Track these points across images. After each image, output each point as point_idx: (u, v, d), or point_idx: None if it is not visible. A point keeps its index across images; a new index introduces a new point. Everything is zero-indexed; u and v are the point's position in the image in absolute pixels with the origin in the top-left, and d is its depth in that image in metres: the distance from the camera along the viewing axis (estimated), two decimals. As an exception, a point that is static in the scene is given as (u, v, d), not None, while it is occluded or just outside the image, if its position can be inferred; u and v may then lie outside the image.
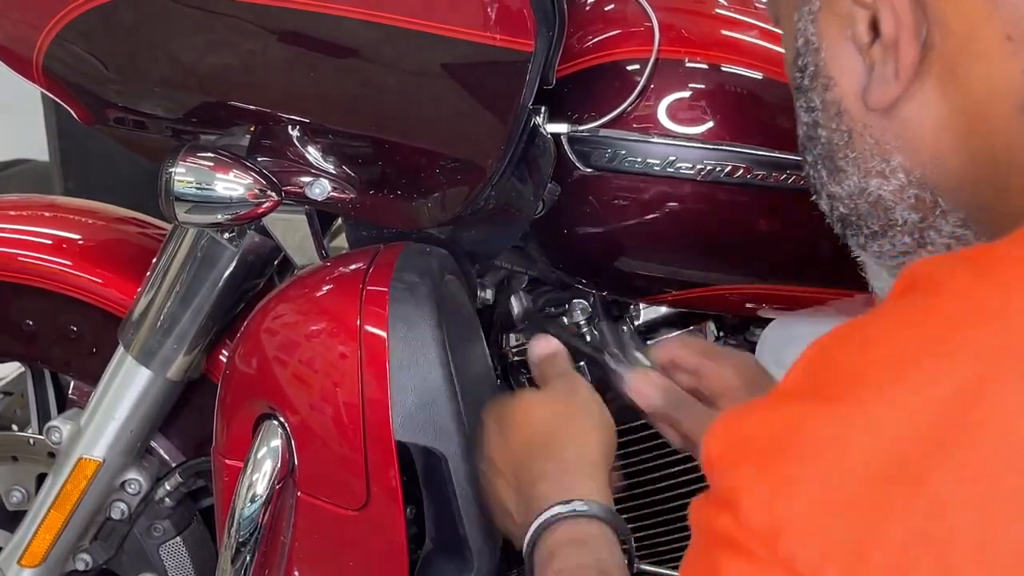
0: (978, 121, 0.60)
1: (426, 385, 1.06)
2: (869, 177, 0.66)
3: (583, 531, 0.88)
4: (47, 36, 1.12)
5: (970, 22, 0.58)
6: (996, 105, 0.59)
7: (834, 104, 0.67)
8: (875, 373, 0.51)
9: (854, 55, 0.64)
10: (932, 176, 0.64)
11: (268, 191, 1.08)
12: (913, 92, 0.62)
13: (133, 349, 1.26)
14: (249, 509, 1.11)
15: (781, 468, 0.50)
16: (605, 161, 1.10)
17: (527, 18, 1.01)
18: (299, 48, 1.07)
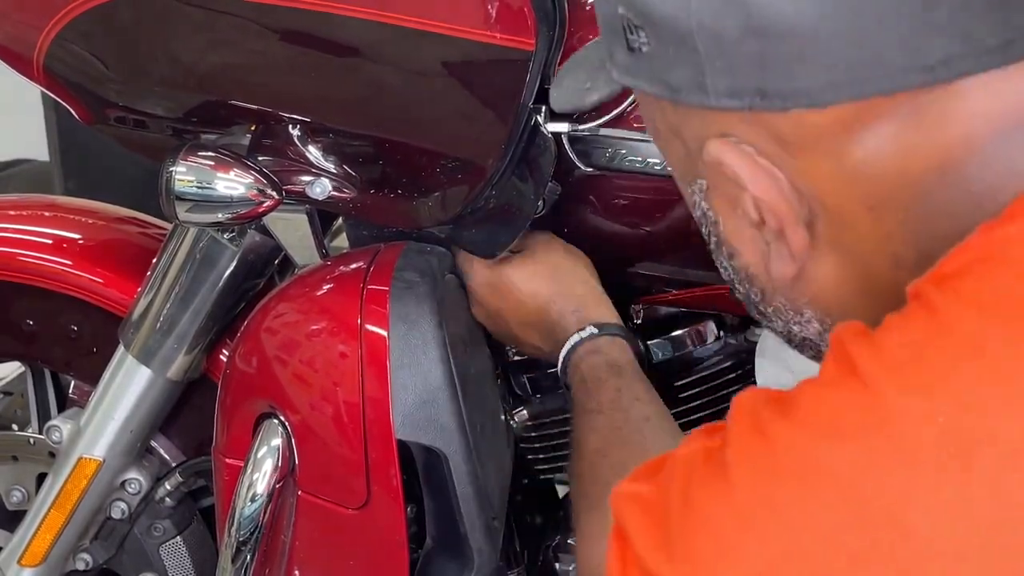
0: (868, 279, 0.65)
1: (426, 384, 1.06)
2: (790, 324, 0.71)
3: (598, 344, 1.09)
4: (48, 35, 1.12)
5: (839, 198, 0.63)
6: (878, 263, 0.64)
7: (742, 270, 0.70)
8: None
9: (751, 230, 0.67)
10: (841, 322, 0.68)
11: (269, 190, 1.08)
12: (810, 262, 0.66)
13: (133, 349, 1.26)
14: (249, 508, 1.11)
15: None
16: (605, 160, 1.10)
17: (528, 17, 1.01)
18: (299, 47, 1.07)
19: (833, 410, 0.57)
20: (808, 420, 0.57)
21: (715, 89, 0.62)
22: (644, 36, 0.64)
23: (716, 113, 0.63)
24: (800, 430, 0.57)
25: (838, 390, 0.57)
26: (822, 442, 0.56)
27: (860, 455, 0.55)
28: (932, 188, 0.61)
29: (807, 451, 0.56)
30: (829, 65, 0.59)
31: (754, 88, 0.61)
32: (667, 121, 0.68)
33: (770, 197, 0.64)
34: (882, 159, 0.61)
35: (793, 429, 0.58)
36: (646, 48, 0.64)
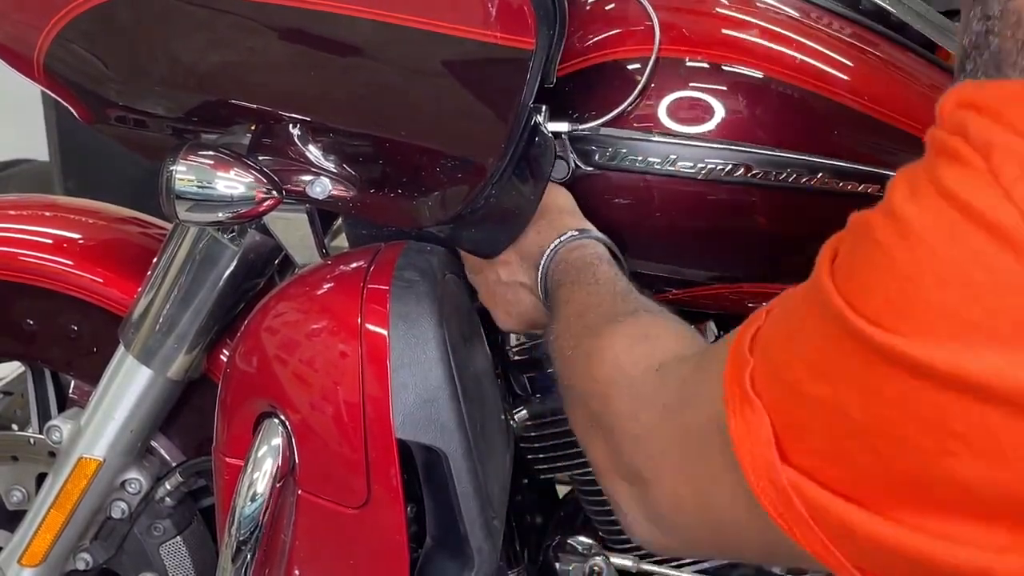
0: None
1: (427, 383, 1.06)
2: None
3: (582, 243, 1.07)
4: (48, 35, 1.12)
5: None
6: None
7: (1015, 13, 0.69)
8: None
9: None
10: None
11: (269, 190, 1.08)
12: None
13: (134, 348, 1.26)
14: (250, 508, 1.11)
15: (1003, 112, 0.59)
16: (606, 160, 1.11)
17: (528, 16, 1.01)
18: (299, 46, 1.07)
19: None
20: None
21: None
22: None
23: None
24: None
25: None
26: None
27: None
28: None
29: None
30: None
31: None
32: None
33: None
34: None
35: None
36: None
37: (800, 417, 0.66)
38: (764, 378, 0.69)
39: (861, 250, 0.63)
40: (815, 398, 0.64)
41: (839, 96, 1.12)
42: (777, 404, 0.67)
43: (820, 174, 1.10)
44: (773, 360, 0.69)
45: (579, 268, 1.05)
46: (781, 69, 1.11)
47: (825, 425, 0.64)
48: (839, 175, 1.10)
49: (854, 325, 0.61)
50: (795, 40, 1.14)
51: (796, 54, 1.12)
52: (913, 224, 0.59)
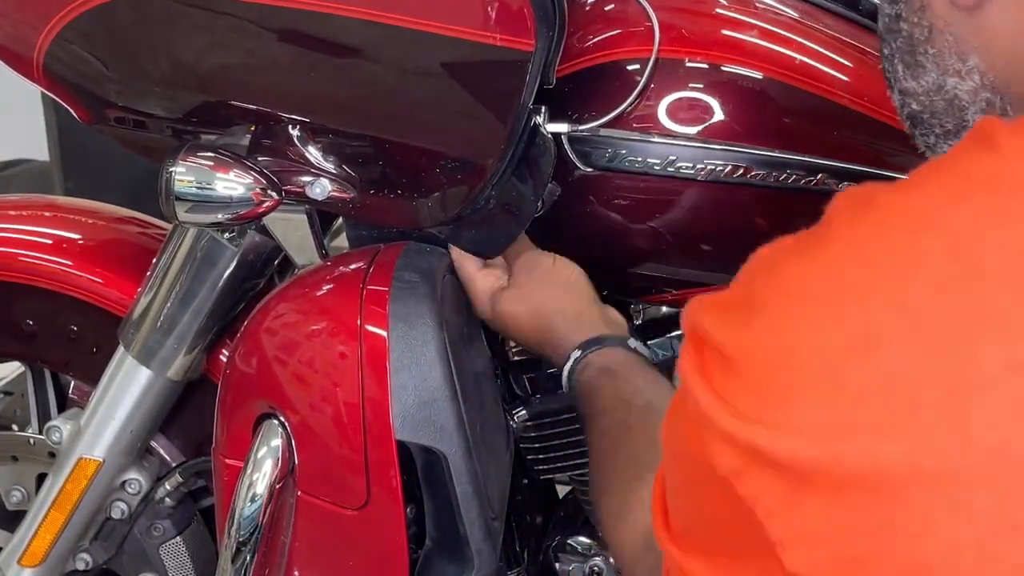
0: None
1: (426, 384, 1.06)
2: (946, 75, 0.67)
3: (586, 361, 1.09)
4: (47, 36, 1.12)
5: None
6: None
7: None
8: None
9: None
10: (1004, 81, 0.65)
11: (268, 191, 1.08)
12: (991, 4, 0.64)
13: (133, 349, 1.26)
14: (249, 509, 1.11)
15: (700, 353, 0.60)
16: (605, 161, 1.11)
17: (527, 18, 1.01)
18: (299, 47, 1.07)
19: (960, 173, 0.55)
20: (925, 184, 0.56)
21: None
22: None
23: None
24: (914, 192, 0.56)
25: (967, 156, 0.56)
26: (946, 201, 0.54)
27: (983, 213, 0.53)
28: None
29: (922, 210, 0.55)
30: None
31: None
32: None
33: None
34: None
35: (906, 193, 0.56)
36: None
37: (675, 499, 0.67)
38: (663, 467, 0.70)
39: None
40: (680, 484, 0.66)
41: (839, 97, 1.12)
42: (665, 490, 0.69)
43: (820, 174, 1.10)
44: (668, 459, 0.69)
45: (590, 399, 1.07)
46: (781, 70, 1.11)
47: (688, 507, 0.65)
48: (839, 175, 1.10)
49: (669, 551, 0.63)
50: (795, 40, 1.14)
51: (796, 55, 1.12)
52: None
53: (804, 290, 0.56)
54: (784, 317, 0.56)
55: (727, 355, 0.57)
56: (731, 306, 0.60)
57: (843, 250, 0.56)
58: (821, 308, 0.55)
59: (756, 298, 0.58)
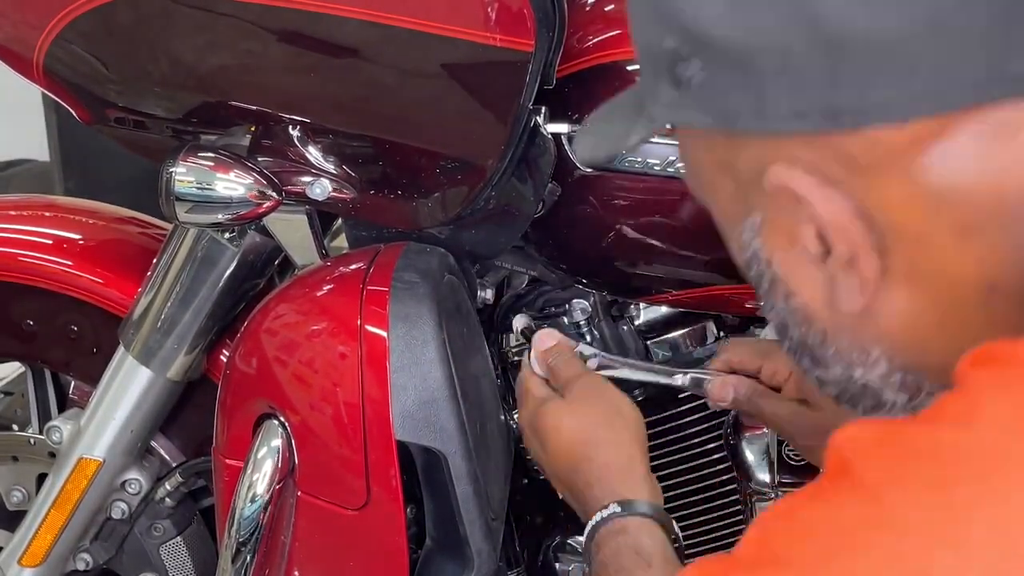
0: (952, 309, 0.60)
1: (426, 384, 1.06)
2: (852, 367, 0.65)
3: (625, 524, 0.95)
4: (48, 36, 1.12)
5: (920, 222, 0.58)
6: (966, 291, 0.59)
7: (800, 311, 0.65)
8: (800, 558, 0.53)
9: (811, 266, 0.62)
10: (915, 361, 0.63)
11: (269, 191, 1.08)
12: (881, 295, 0.61)
13: (134, 349, 1.26)
14: (249, 509, 1.11)
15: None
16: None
17: (527, 18, 1.01)
18: (299, 48, 1.07)
19: (1019, 402, 0.52)
20: (988, 415, 0.52)
21: (777, 112, 0.58)
22: (696, 65, 0.60)
23: (776, 139, 0.60)
24: (977, 430, 0.52)
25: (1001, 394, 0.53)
26: (1015, 435, 0.51)
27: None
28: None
29: (999, 447, 0.51)
30: (906, 77, 0.55)
31: (822, 107, 0.57)
32: (716, 156, 0.64)
33: (841, 221, 0.59)
34: (969, 181, 0.57)
35: (966, 430, 0.52)
36: (698, 77, 0.60)
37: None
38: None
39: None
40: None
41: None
42: None
43: (820, 175, 1.10)
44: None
45: (618, 570, 0.94)
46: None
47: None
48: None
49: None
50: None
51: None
52: None
53: (865, 547, 0.51)
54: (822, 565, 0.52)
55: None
56: (747, 565, 0.56)
57: (905, 501, 0.52)
58: (899, 567, 0.51)
59: (786, 556, 0.54)
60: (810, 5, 0.56)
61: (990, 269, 0.58)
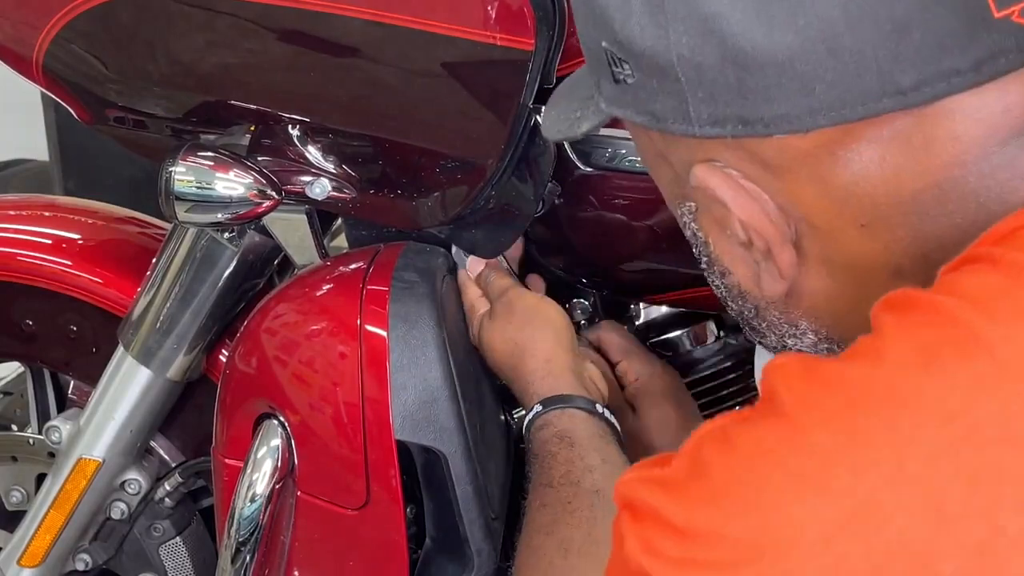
0: (864, 289, 0.65)
1: (426, 384, 1.06)
2: (784, 338, 0.72)
3: (548, 418, 1.05)
4: (47, 36, 1.12)
5: (829, 217, 0.64)
6: (874, 274, 0.65)
7: (735, 287, 0.71)
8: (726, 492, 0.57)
9: (740, 249, 0.68)
10: (838, 332, 0.69)
11: (268, 190, 1.08)
12: (800, 277, 0.68)
13: (133, 349, 1.26)
14: (249, 509, 1.11)
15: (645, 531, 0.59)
16: (605, 160, 1.10)
17: (527, 17, 1.01)
18: (299, 47, 1.07)
19: (921, 343, 0.55)
20: (893, 354, 0.56)
21: (698, 118, 0.63)
22: (628, 68, 0.66)
23: (701, 140, 0.65)
24: (883, 367, 0.56)
25: (927, 327, 0.56)
26: (915, 371, 0.55)
27: (963, 380, 0.54)
28: (929, 205, 0.62)
29: (898, 382, 0.55)
30: (805, 92, 0.60)
31: (735, 116, 0.62)
32: (655, 148, 0.70)
33: (755, 219, 0.66)
34: (870, 181, 0.62)
35: (874, 367, 0.56)
36: (631, 80, 0.66)
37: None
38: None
39: None
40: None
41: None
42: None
43: (820, 174, 1.10)
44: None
45: (541, 459, 1.03)
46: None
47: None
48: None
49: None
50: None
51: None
52: None
53: (779, 465, 0.56)
54: (760, 492, 0.56)
55: (689, 532, 0.57)
56: (678, 482, 0.59)
57: (815, 425, 0.56)
58: (804, 484, 0.55)
59: (714, 471, 0.58)
60: (718, 23, 0.60)
61: (894, 256, 0.64)
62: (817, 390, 0.57)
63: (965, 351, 0.54)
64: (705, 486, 0.58)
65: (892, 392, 0.55)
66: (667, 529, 0.58)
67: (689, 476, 0.59)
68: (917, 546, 0.52)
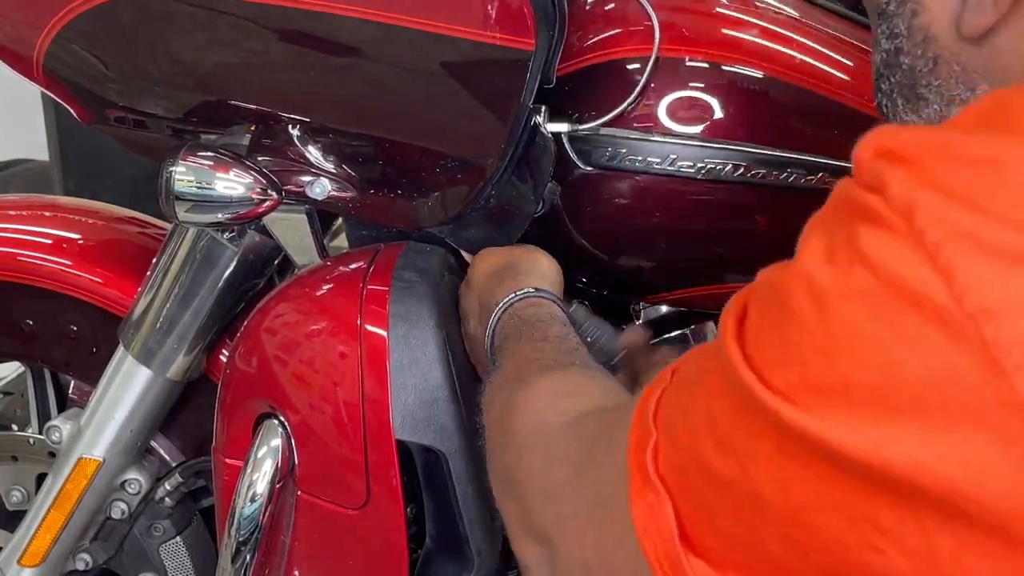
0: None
1: (426, 384, 1.06)
2: (952, 105, 0.66)
3: (512, 310, 1.02)
4: (47, 35, 1.12)
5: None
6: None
7: (921, 30, 0.66)
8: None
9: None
10: None
11: (268, 190, 1.08)
12: (1010, 19, 0.61)
13: (133, 348, 1.26)
14: (249, 508, 1.11)
15: (926, 165, 0.51)
16: (606, 160, 1.10)
17: (527, 17, 1.01)
18: (299, 47, 1.07)
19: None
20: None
21: None
22: None
23: None
24: None
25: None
26: None
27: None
28: None
29: None
30: None
31: None
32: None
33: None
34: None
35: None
36: None
37: (707, 498, 0.59)
38: (668, 456, 0.62)
39: (772, 316, 0.55)
40: (723, 479, 0.57)
41: (839, 95, 1.12)
42: (681, 487, 0.61)
43: (820, 174, 1.10)
44: (676, 436, 0.62)
45: (531, 324, 0.99)
46: (781, 69, 1.11)
47: (734, 508, 0.57)
48: (840, 174, 1.10)
49: (765, 402, 0.53)
50: (795, 40, 1.14)
51: (796, 54, 1.12)
52: (830, 293, 0.52)
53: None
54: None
55: (981, 159, 0.50)
56: (966, 125, 0.53)
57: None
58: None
59: (1006, 113, 0.52)
60: None
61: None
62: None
63: None
64: (999, 121, 0.52)
65: None
66: (957, 157, 0.51)
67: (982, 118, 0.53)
68: None
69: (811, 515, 0.53)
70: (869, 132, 0.54)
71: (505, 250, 1.12)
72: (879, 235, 0.51)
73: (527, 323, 0.99)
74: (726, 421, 0.57)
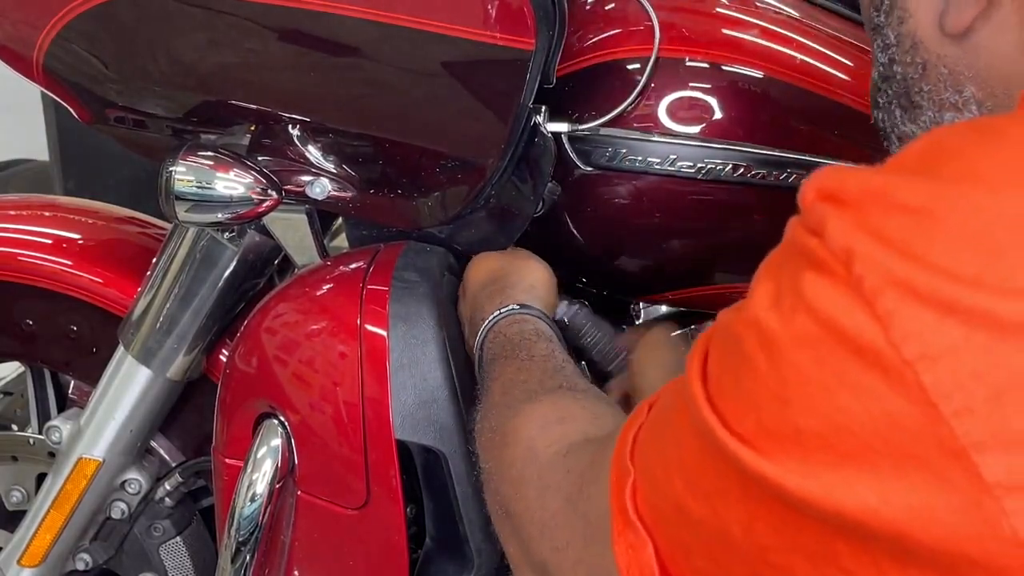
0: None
1: (426, 384, 1.06)
2: (943, 110, 0.68)
3: (498, 329, 1.03)
4: (47, 35, 1.12)
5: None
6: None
7: (909, 36, 0.68)
8: (991, 172, 0.51)
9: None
10: (1002, 107, 0.65)
11: (268, 190, 1.08)
12: (989, 15, 0.63)
13: (133, 348, 1.26)
14: (249, 508, 1.11)
15: (863, 210, 0.52)
16: (606, 160, 1.10)
17: (527, 16, 1.01)
18: (299, 47, 1.07)
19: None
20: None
21: None
22: None
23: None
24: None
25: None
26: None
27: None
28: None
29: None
30: None
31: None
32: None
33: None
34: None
35: None
36: None
37: (683, 536, 0.60)
38: (645, 495, 0.64)
39: (729, 361, 0.56)
40: (695, 518, 0.58)
41: (839, 95, 1.12)
42: (659, 523, 0.62)
43: (820, 174, 1.10)
44: (653, 474, 0.63)
45: (515, 344, 1.00)
46: (781, 69, 1.11)
47: (707, 546, 0.58)
48: (839, 175, 1.10)
49: (727, 445, 0.54)
50: (795, 40, 1.14)
51: (796, 54, 1.12)
52: (779, 339, 0.53)
53: (1009, 164, 0.51)
54: (990, 181, 0.50)
55: (916, 208, 0.50)
56: (905, 167, 0.54)
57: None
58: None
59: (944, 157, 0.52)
60: None
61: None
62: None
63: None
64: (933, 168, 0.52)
65: None
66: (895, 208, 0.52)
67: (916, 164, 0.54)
68: None
69: (777, 555, 0.55)
70: (814, 172, 0.55)
71: (497, 257, 1.12)
72: (821, 281, 0.52)
73: (512, 343, 1.00)
74: (694, 462, 0.58)
